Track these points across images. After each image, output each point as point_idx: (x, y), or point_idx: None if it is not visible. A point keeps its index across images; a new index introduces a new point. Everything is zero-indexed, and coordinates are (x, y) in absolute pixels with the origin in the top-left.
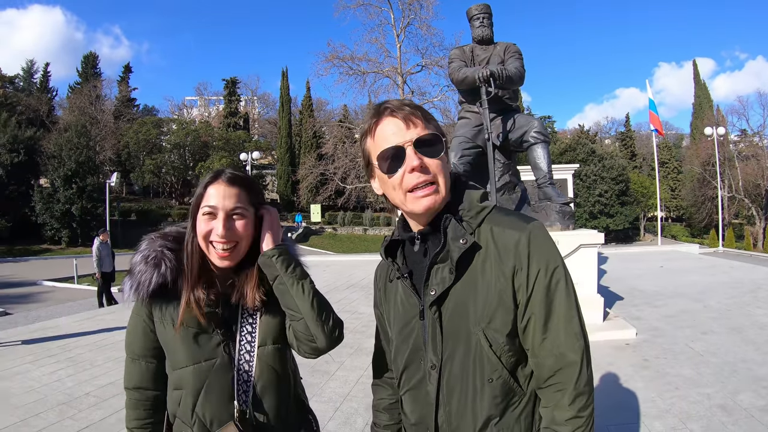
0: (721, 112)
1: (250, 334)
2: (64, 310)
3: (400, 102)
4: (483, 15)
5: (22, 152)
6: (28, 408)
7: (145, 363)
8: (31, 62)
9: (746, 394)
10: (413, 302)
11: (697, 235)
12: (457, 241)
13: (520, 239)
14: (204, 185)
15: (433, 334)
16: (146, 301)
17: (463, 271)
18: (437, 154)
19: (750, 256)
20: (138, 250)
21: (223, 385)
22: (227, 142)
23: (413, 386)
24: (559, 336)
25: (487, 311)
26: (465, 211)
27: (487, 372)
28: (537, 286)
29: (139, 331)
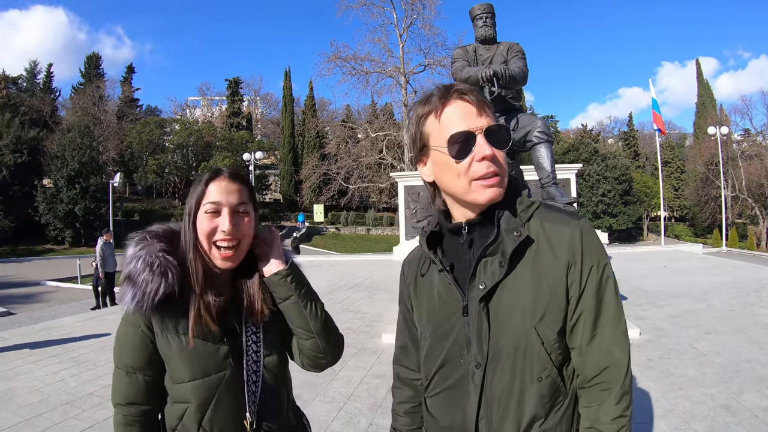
0: (724, 112)
1: (255, 344)
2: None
3: (469, 87)
4: (486, 14)
5: (26, 153)
6: (32, 408)
7: (142, 376)
8: (34, 63)
9: (750, 395)
10: (455, 297)
11: (701, 234)
12: (512, 233)
13: (574, 235)
14: (204, 182)
15: (479, 331)
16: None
17: (514, 265)
18: (504, 146)
19: (753, 256)
20: (133, 254)
21: (233, 398)
22: (230, 142)
23: (448, 387)
24: (608, 334)
25: (540, 307)
26: (517, 204)
27: (537, 370)
28: (589, 282)
29: (136, 343)
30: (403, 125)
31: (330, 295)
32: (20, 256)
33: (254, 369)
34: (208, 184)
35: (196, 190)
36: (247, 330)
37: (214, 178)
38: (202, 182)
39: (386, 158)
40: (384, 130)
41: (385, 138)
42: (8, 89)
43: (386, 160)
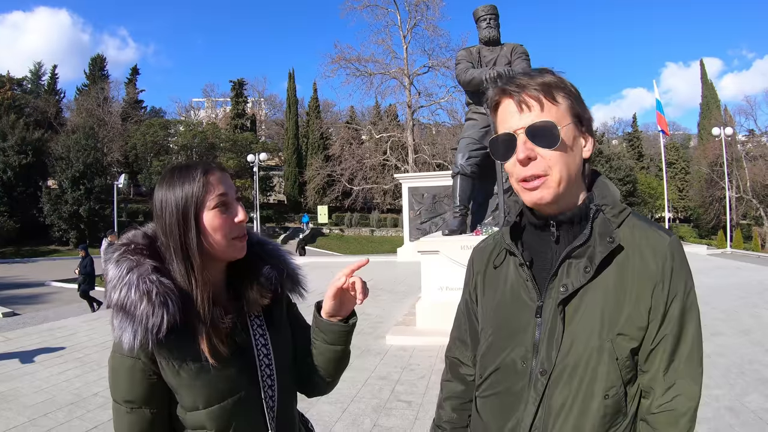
0: (728, 112)
1: (267, 357)
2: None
3: (529, 77)
4: (490, 16)
5: (30, 154)
6: (36, 408)
7: (148, 411)
8: (38, 64)
9: (754, 396)
10: (531, 296)
11: (705, 236)
12: (605, 237)
13: (666, 251)
14: (201, 177)
15: (551, 336)
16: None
17: (599, 271)
18: (552, 144)
19: (758, 257)
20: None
21: (253, 418)
22: (234, 143)
23: (504, 390)
24: (684, 364)
25: (620, 319)
26: (609, 207)
27: (605, 386)
28: (674, 306)
29: (137, 378)
30: (407, 126)
31: None
32: (25, 257)
33: (269, 384)
34: (207, 177)
35: (186, 190)
36: (257, 343)
37: (210, 171)
38: (195, 179)
39: (390, 159)
40: (388, 132)
41: (390, 139)
42: (13, 91)
43: (390, 162)
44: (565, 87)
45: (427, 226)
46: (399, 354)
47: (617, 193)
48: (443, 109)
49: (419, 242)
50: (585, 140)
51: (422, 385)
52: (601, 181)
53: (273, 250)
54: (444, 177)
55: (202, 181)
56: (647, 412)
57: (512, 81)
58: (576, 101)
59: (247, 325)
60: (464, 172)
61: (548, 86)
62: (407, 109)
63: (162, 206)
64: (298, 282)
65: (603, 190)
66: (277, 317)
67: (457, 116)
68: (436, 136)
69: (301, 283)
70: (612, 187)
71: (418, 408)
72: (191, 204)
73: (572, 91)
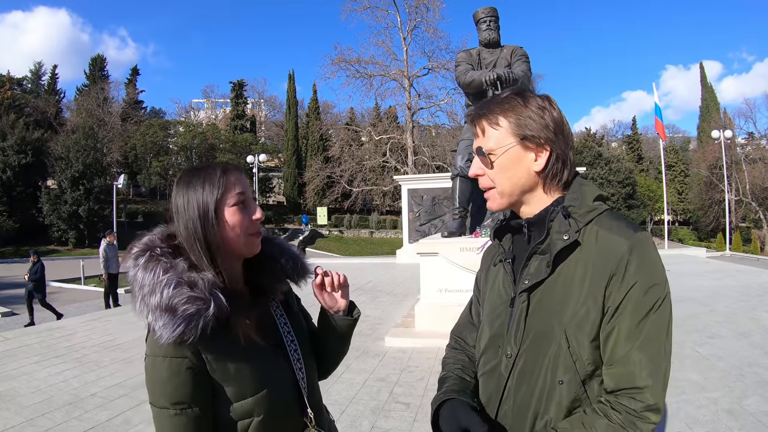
0: (728, 115)
1: (293, 343)
2: (70, 311)
3: (482, 108)
4: (490, 18)
5: (30, 154)
6: (34, 408)
7: (198, 410)
8: (39, 64)
9: (753, 399)
10: (508, 288)
11: (704, 238)
12: (561, 235)
13: (623, 246)
14: (220, 176)
15: (517, 324)
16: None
17: (558, 265)
18: (487, 165)
19: (757, 260)
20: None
21: (293, 398)
22: (234, 144)
23: (487, 371)
24: (647, 358)
25: (575, 312)
26: (575, 208)
27: (560, 373)
28: (630, 298)
29: (184, 376)
30: (407, 128)
31: None
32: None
33: (299, 366)
34: (228, 176)
35: (207, 188)
36: (282, 329)
37: (230, 170)
38: (215, 178)
39: (390, 161)
40: (388, 133)
41: (389, 141)
42: (13, 90)
43: (390, 163)
44: (510, 112)
45: (426, 228)
46: (398, 356)
47: (591, 194)
48: (443, 111)
49: (418, 244)
50: (537, 154)
51: (421, 387)
52: (575, 183)
53: (280, 244)
54: (443, 179)
55: (223, 180)
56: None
57: (475, 109)
58: (519, 123)
59: (271, 315)
60: (463, 174)
61: (494, 113)
62: (407, 111)
63: (185, 205)
64: (306, 271)
65: (574, 192)
66: (293, 306)
67: (456, 118)
68: (436, 138)
69: (309, 271)
70: (586, 188)
71: (417, 410)
72: (213, 201)
73: (519, 113)
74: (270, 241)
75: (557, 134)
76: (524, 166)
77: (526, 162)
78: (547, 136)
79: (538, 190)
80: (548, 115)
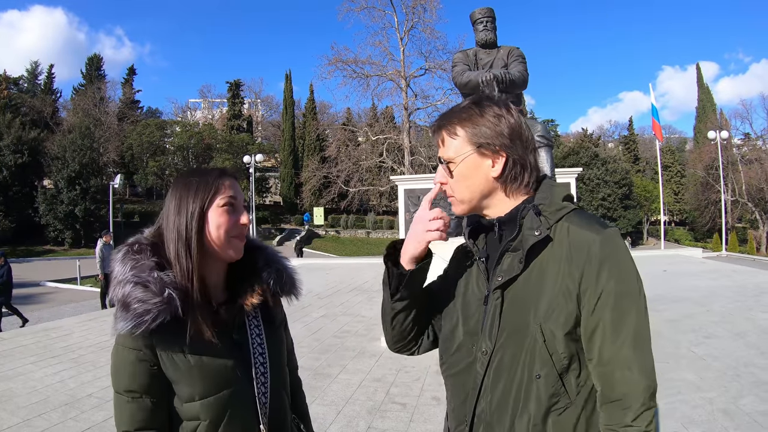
0: (724, 116)
1: (262, 356)
2: (67, 311)
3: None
4: (486, 19)
5: (26, 153)
6: (31, 408)
7: (148, 399)
8: (35, 64)
9: (749, 399)
10: (481, 286)
11: (701, 239)
12: (532, 231)
13: (594, 242)
14: (214, 179)
15: (492, 320)
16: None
17: (530, 262)
18: (450, 174)
19: (753, 260)
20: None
21: (245, 411)
22: (230, 144)
23: (460, 371)
24: (626, 352)
25: (548, 307)
26: (545, 206)
27: (537, 368)
28: (607, 293)
29: (137, 367)
30: (404, 128)
31: (329, 299)
32: (20, 257)
33: (263, 381)
34: (222, 179)
35: (200, 189)
36: (253, 342)
37: (224, 176)
38: (210, 180)
39: (386, 161)
40: (384, 134)
41: (386, 141)
42: (9, 90)
43: (386, 164)
44: (467, 121)
45: None
46: (394, 356)
47: (561, 193)
48: (440, 111)
49: None
50: (494, 161)
51: (417, 388)
52: (544, 184)
53: (271, 254)
54: None
55: (218, 182)
56: (600, 404)
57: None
58: (475, 132)
59: (244, 323)
60: None
61: (452, 123)
62: (404, 111)
63: (176, 204)
64: (294, 285)
65: (544, 192)
66: (275, 317)
67: None
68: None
69: (297, 285)
70: (556, 189)
71: (413, 410)
72: (202, 202)
73: (475, 122)
74: (261, 251)
75: (513, 140)
76: (482, 172)
77: (483, 169)
78: (503, 142)
79: (499, 194)
80: (504, 122)
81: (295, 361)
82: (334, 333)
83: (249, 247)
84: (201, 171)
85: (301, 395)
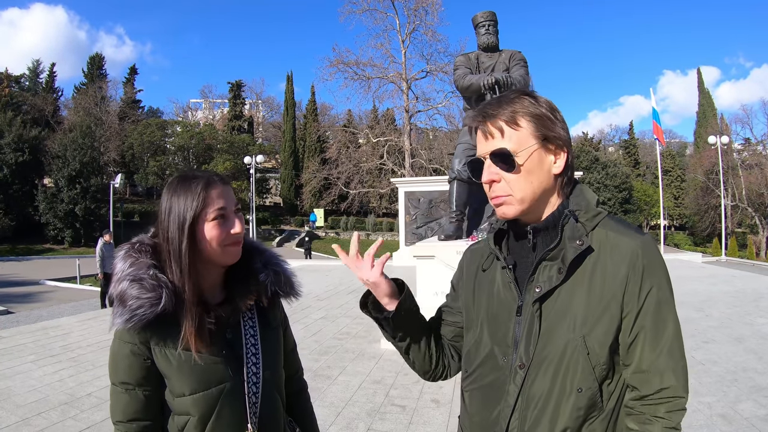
0: (725, 121)
1: (254, 356)
2: (66, 310)
3: (495, 105)
4: (488, 22)
5: (27, 152)
6: (30, 407)
7: (141, 392)
8: (37, 62)
9: (747, 404)
10: (513, 296)
11: (700, 243)
12: (574, 241)
13: (636, 250)
14: (202, 190)
15: (529, 332)
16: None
17: (572, 273)
18: (510, 169)
19: (753, 266)
20: (122, 273)
21: (234, 410)
22: (231, 145)
23: (487, 384)
24: (665, 357)
25: (592, 318)
26: (582, 213)
27: (578, 381)
28: (649, 300)
29: (131, 360)
30: (404, 131)
31: (329, 300)
32: (20, 255)
33: (254, 381)
34: (208, 191)
35: (188, 200)
36: (246, 342)
37: (211, 185)
38: (197, 192)
39: (387, 164)
40: (385, 136)
41: (387, 143)
42: (11, 88)
43: (387, 166)
44: (528, 111)
45: (422, 230)
46: (393, 358)
47: (593, 198)
48: (441, 114)
49: (415, 247)
50: (556, 156)
51: (416, 390)
52: (578, 188)
53: (270, 257)
54: (440, 182)
55: (203, 195)
56: (633, 406)
57: (481, 111)
58: (540, 123)
59: (239, 323)
60: (461, 178)
61: (512, 113)
62: (405, 114)
63: (164, 213)
64: (292, 286)
65: (578, 198)
66: (272, 318)
67: (454, 121)
68: (433, 140)
69: (295, 287)
70: (588, 193)
71: (413, 413)
72: (189, 216)
73: (537, 113)
74: (261, 253)
75: (569, 136)
76: (546, 168)
77: (546, 164)
78: (564, 137)
79: (554, 194)
80: (560, 116)
81: (299, 364)
82: (333, 334)
83: (248, 248)
84: (188, 179)
85: (304, 398)
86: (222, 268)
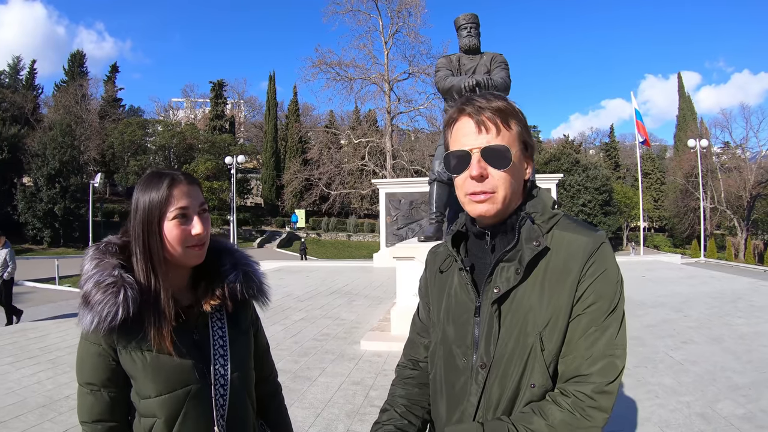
0: (704, 125)
1: (222, 357)
2: (44, 312)
3: (486, 101)
4: (471, 25)
5: (6, 150)
6: (7, 410)
7: (106, 393)
8: (17, 59)
9: (725, 403)
10: (470, 297)
11: (680, 245)
12: (531, 242)
13: (587, 247)
14: (165, 188)
15: (489, 333)
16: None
17: (529, 273)
18: (504, 166)
19: (731, 267)
20: (88, 274)
21: (200, 412)
22: (212, 144)
23: (451, 386)
24: (601, 348)
25: (547, 316)
26: (538, 215)
27: (534, 377)
28: (595, 296)
29: (97, 361)
30: (386, 132)
31: (309, 301)
32: None
33: (222, 383)
34: (171, 189)
35: (152, 198)
36: (214, 344)
37: (174, 184)
38: (161, 189)
39: (368, 165)
40: (367, 137)
41: (368, 144)
42: None
43: (368, 167)
44: (516, 115)
45: (403, 231)
46: (373, 359)
47: (549, 200)
48: (422, 115)
49: (395, 248)
50: (528, 164)
51: None
52: (534, 192)
53: (240, 257)
54: (421, 183)
55: (166, 193)
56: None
57: (472, 102)
58: (524, 129)
59: (207, 324)
60: (441, 179)
61: (504, 112)
62: (386, 115)
63: (135, 208)
64: (262, 290)
65: (534, 200)
66: (242, 320)
67: (436, 123)
68: (415, 142)
69: (265, 292)
70: (544, 196)
71: None
72: (155, 213)
73: (522, 119)
74: (230, 254)
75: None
76: (521, 173)
77: (523, 169)
78: (533, 146)
79: (519, 198)
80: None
81: (272, 366)
82: (313, 336)
83: (216, 249)
84: (156, 176)
85: (278, 400)
86: (187, 269)
